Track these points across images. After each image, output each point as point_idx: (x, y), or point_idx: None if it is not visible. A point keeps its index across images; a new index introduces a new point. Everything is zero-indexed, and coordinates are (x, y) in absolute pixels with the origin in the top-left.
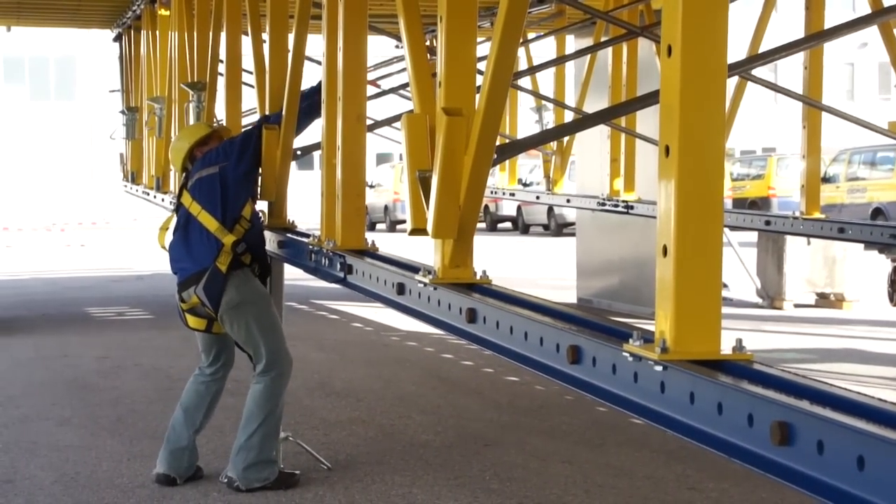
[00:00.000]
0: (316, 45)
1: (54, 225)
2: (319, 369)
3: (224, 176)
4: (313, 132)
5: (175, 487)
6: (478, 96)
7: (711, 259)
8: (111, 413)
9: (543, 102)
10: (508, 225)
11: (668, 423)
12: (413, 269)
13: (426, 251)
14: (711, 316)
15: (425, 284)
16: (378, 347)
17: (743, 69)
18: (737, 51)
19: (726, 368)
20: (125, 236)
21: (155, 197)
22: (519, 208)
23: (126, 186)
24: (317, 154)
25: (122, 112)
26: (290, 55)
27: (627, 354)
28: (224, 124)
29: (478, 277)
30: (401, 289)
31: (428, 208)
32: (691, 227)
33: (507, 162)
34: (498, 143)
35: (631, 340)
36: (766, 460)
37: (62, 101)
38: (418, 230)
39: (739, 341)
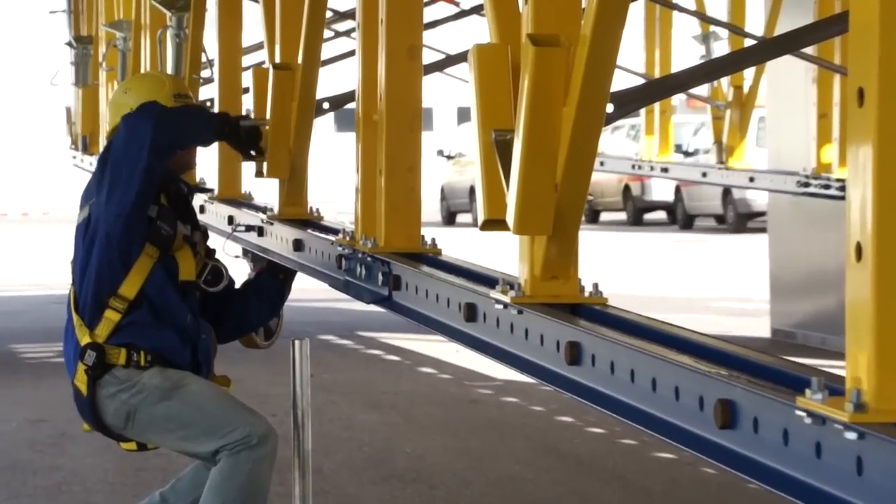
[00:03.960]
0: None
1: None
2: (372, 439)
3: (94, 224)
4: (346, 73)
5: None
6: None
7: None
8: None
9: (712, 28)
10: (661, 215)
11: None
12: (489, 281)
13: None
14: None
15: (505, 305)
16: (461, 405)
17: None
18: None
19: None
20: (71, 234)
21: None
22: (678, 191)
23: (75, 157)
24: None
25: (69, 44)
26: None
27: (803, 413)
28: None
29: (586, 295)
30: (471, 312)
31: (508, 189)
32: None
33: (655, 120)
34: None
35: (809, 392)
36: None
37: None
38: (493, 222)
39: None
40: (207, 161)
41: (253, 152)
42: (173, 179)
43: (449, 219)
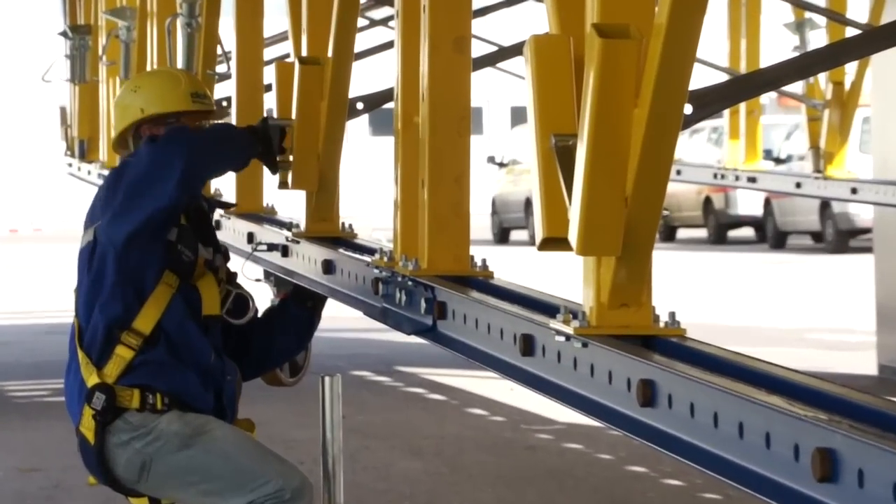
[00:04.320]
0: None
1: None
2: (413, 490)
3: (102, 249)
4: (383, 68)
5: None
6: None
7: None
8: None
9: (808, 14)
10: (747, 232)
11: None
12: (548, 309)
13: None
14: None
15: (567, 337)
16: (516, 451)
17: None
18: None
19: None
20: (67, 253)
21: None
22: (767, 204)
23: (70, 165)
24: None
25: (64, 34)
26: None
27: None
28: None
29: (660, 325)
30: (527, 345)
31: (570, 202)
32: None
33: (741, 122)
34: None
35: None
36: None
37: None
38: (553, 241)
39: None
40: None
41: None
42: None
43: (501, 236)
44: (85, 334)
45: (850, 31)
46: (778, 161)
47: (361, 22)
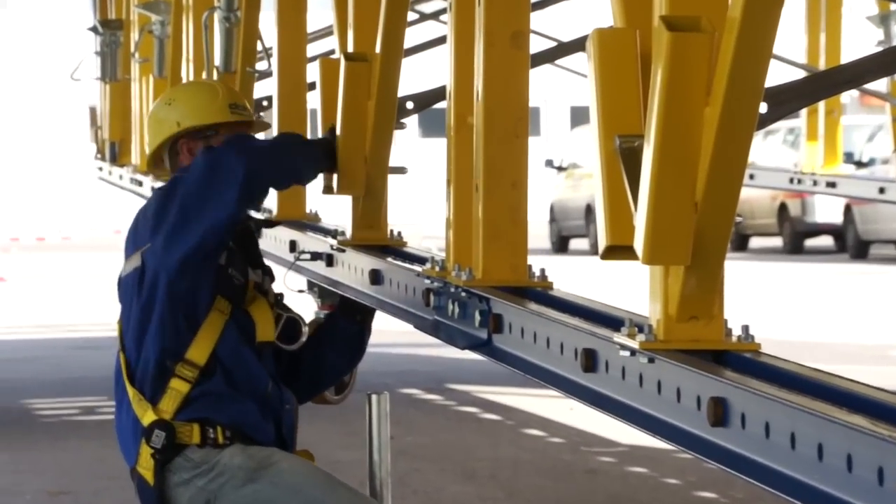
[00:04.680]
0: None
1: None
2: None
3: (151, 277)
4: (434, 65)
5: None
6: None
7: None
8: None
9: (893, 6)
10: (826, 241)
11: None
12: (612, 322)
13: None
14: None
15: (633, 352)
16: (575, 475)
17: None
18: None
19: None
20: (97, 263)
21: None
22: (848, 210)
23: (101, 169)
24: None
25: (94, 30)
26: None
27: None
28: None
29: (733, 339)
30: (590, 361)
31: (636, 208)
32: None
33: (819, 123)
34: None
35: None
36: None
37: None
38: (618, 249)
39: None
40: None
41: None
42: None
43: (560, 245)
44: (135, 369)
45: None
46: (859, 164)
47: (411, 16)
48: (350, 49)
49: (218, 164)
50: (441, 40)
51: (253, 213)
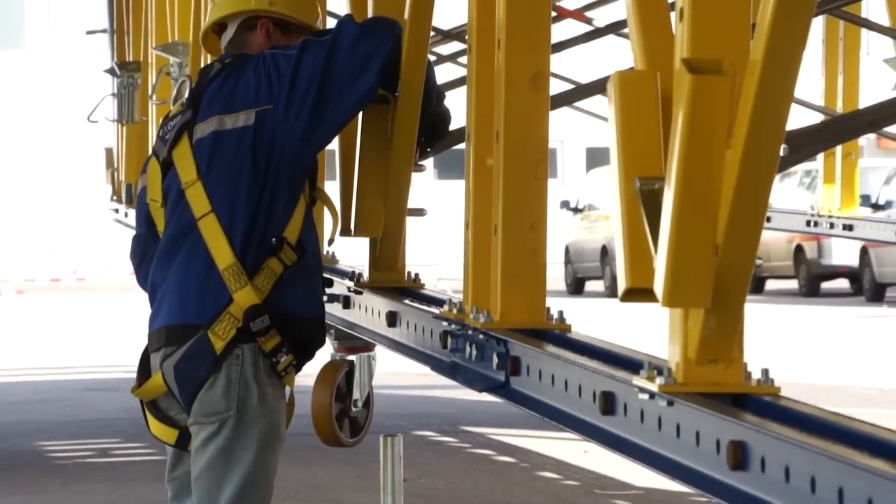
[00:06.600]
0: None
1: None
2: None
3: (266, 135)
4: (453, 106)
5: None
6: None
7: None
8: None
9: None
10: (842, 284)
11: None
12: (630, 364)
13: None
14: None
15: (652, 395)
16: None
17: None
18: None
19: None
20: (112, 304)
21: None
22: (864, 253)
23: (117, 212)
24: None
25: (111, 71)
26: None
27: None
28: None
29: (752, 383)
30: (608, 403)
31: (655, 250)
32: None
33: (836, 165)
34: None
35: None
36: None
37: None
38: (637, 292)
39: None
40: None
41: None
42: None
43: (576, 286)
44: (233, 234)
45: None
46: (876, 207)
47: (430, 57)
48: None
49: (360, 35)
50: (459, 82)
51: None
